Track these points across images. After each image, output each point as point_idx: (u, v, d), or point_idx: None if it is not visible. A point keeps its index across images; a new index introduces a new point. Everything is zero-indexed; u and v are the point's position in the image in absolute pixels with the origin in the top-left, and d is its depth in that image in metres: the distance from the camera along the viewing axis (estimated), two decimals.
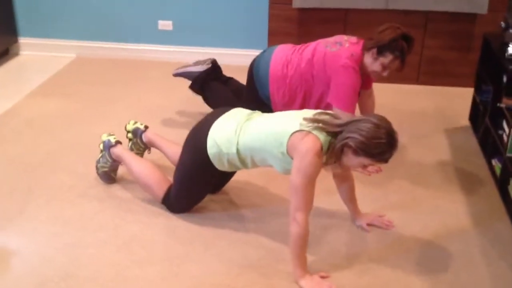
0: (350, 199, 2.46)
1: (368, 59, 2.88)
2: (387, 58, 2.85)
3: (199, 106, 3.43)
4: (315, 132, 2.09)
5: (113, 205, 2.58)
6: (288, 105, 3.02)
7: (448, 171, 2.91)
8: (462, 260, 2.26)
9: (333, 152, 2.10)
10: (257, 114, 2.39)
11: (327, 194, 2.60)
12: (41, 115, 3.45)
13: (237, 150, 2.27)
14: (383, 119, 2.07)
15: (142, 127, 2.82)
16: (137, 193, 2.65)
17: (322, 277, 2.13)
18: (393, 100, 3.76)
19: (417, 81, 4.00)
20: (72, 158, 2.95)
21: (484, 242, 2.37)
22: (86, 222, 2.45)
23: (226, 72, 3.43)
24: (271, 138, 2.18)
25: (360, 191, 2.53)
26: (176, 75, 3.42)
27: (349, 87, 2.85)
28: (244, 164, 2.33)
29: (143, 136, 2.80)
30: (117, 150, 2.65)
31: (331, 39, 2.98)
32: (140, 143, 2.82)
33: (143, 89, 3.88)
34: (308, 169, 2.05)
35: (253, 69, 3.10)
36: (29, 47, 4.50)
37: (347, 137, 2.04)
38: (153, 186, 2.52)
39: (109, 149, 2.66)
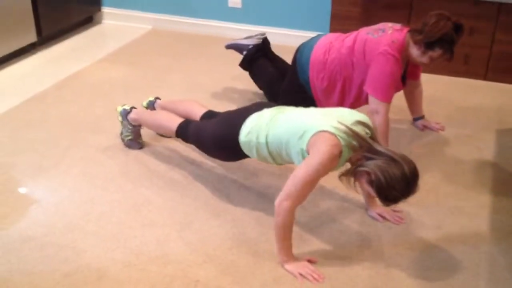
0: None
1: (414, 50, 2.76)
2: (436, 53, 2.73)
3: (248, 84, 3.48)
4: (339, 135, 2.03)
5: (136, 169, 2.71)
6: (327, 91, 2.98)
7: (484, 174, 2.75)
8: (462, 265, 2.15)
9: (349, 169, 2.05)
10: (292, 108, 2.36)
11: None
12: (103, 80, 3.67)
13: (266, 141, 2.25)
14: (415, 172, 1.98)
15: (152, 99, 2.98)
16: (162, 159, 2.78)
17: (309, 261, 2.13)
18: (452, 93, 3.59)
19: (484, 77, 3.77)
20: (116, 122, 3.12)
21: (494, 251, 2.23)
22: (108, 182, 2.61)
23: (285, 53, 3.42)
24: (296, 132, 2.13)
25: None
26: (227, 46, 3.49)
27: (388, 76, 2.76)
28: (272, 156, 2.29)
29: (155, 105, 2.95)
30: (133, 115, 2.80)
31: (374, 26, 2.90)
32: None
33: (202, 63, 3.99)
34: (317, 167, 2.01)
35: (297, 54, 3.09)
36: (111, 17, 4.77)
37: (371, 172, 1.96)
38: (166, 123, 2.66)
39: (127, 117, 2.81)
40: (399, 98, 3.14)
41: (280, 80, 3.23)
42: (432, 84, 3.59)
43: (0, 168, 2.69)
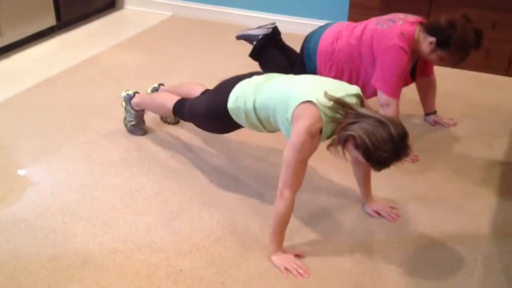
0: (363, 182, 2.34)
1: (425, 46, 2.66)
2: (447, 54, 2.63)
3: None
4: (323, 110, 1.97)
5: (136, 155, 2.71)
6: None
7: (493, 173, 2.64)
8: (456, 267, 2.07)
9: (335, 137, 1.98)
10: (282, 75, 2.31)
11: (346, 171, 2.50)
12: (116, 65, 3.68)
13: (254, 106, 2.21)
14: (403, 133, 1.88)
15: (156, 85, 2.97)
16: (163, 147, 2.76)
17: (297, 255, 2.09)
18: (470, 89, 3.46)
19: (507, 72, 3.63)
20: (122, 108, 3.13)
21: (492, 253, 2.14)
22: (107, 167, 2.61)
23: (301, 42, 3.35)
24: (282, 100, 2.09)
25: (386, 177, 2.38)
26: (238, 37, 3.44)
27: (396, 69, 2.67)
28: (261, 123, 2.25)
29: (159, 91, 2.93)
30: (135, 99, 2.80)
31: (385, 16, 2.81)
32: None
33: (216, 51, 3.96)
34: (300, 148, 1.97)
35: (305, 42, 3.03)
36: (133, 2, 4.78)
37: (355, 135, 1.88)
38: (164, 101, 2.64)
39: (130, 102, 2.80)
40: (413, 91, 3.05)
41: (289, 70, 3.15)
42: (450, 78, 3.48)
43: (2, 150, 2.72)
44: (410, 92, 3.05)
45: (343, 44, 2.83)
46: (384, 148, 1.85)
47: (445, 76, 2.92)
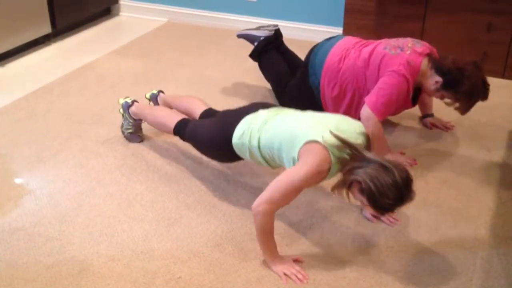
0: None
1: (431, 83, 2.66)
2: (452, 97, 2.65)
3: (257, 79, 3.43)
4: (331, 150, 1.98)
5: (133, 162, 2.69)
6: (336, 100, 2.88)
7: (492, 175, 2.64)
8: (456, 271, 2.06)
9: (340, 180, 1.99)
10: (287, 111, 2.31)
11: None
12: (112, 72, 3.67)
13: (259, 144, 2.20)
14: (407, 179, 1.90)
15: (155, 92, 2.95)
16: (160, 153, 2.76)
17: (296, 260, 2.08)
18: None
19: (503, 75, 3.63)
20: (119, 115, 3.10)
21: (492, 256, 2.13)
22: (103, 175, 2.60)
23: (298, 48, 3.36)
24: (288, 139, 2.08)
25: None
26: (239, 35, 3.43)
27: (392, 91, 2.62)
28: (266, 160, 2.24)
29: (158, 99, 2.91)
30: (134, 108, 2.78)
31: (393, 41, 2.76)
32: None
33: (213, 57, 3.95)
34: (304, 177, 1.96)
35: (311, 55, 3.00)
36: (128, 9, 4.77)
37: (361, 180, 1.89)
38: (164, 120, 2.61)
39: (128, 110, 2.78)
40: None
41: (288, 74, 3.16)
42: None
43: None
44: None
45: (350, 64, 2.80)
46: (389, 194, 1.88)
47: None
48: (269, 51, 3.29)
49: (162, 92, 2.97)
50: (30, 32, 3.92)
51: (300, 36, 4.04)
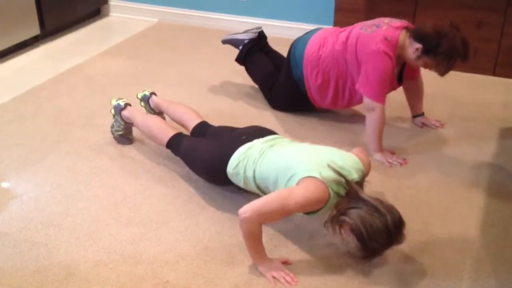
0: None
1: (411, 52, 2.64)
2: (433, 61, 2.62)
3: (246, 78, 3.42)
4: (329, 185, 1.98)
5: (122, 164, 2.67)
6: (321, 89, 2.90)
7: (483, 174, 2.62)
8: (445, 271, 2.05)
9: (333, 216, 1.99)
10: (282, 142, 2.30)
11: None
12: (101, 74, 3.64)
13: (254, 176, 2.19)
14: (399, 224, 1.93)
15: (148, 93, 2.91)
16: (149, 155, 2.73)
17: (284, 263, 2.06)
18: (457, 89, 3.46)
19: (493, 72, 3.62)
20: (108, 117, 3.08)
21: (482, 256, 2.12)
22: (91, 178, 2.57)
23: (287, 47, 3.31)
24: (284, 173, 2.07)
25: (372, 178, 2.34)
26: (224, 41, 3.42)
27: (380, 74, 2.65)
28: (259, 190, 2.23)
29: (150, 101, 2.87)
30: (126, 112, 2.74)
31: (370, 21, 2.79)
32: (149, 109, 2.90)
33: (203, 56, 3.93)
34: (300, 201, 1.95)
35: (292, 49, 3.01)
36: (118, 10, 4.74)
37: (352, 223, 1.91)
38: (156, 132, 2.59)
39: (120, 113, 2.75)
40: (399, 94, 3.04)
41: (275, 74, 3.15)
42: (436, 79, 3.42)
43: None
44: (397, 95, 3.03)
45: (329, 50, 2.81)
46: (378, 239, 1.91)
47: (431, 77, 2.91)
48: (254, 53, 3.28)
49: (155, 94, 2.94)
50: (18, 34, 3.89)
51: (291, 35, 3.98)
